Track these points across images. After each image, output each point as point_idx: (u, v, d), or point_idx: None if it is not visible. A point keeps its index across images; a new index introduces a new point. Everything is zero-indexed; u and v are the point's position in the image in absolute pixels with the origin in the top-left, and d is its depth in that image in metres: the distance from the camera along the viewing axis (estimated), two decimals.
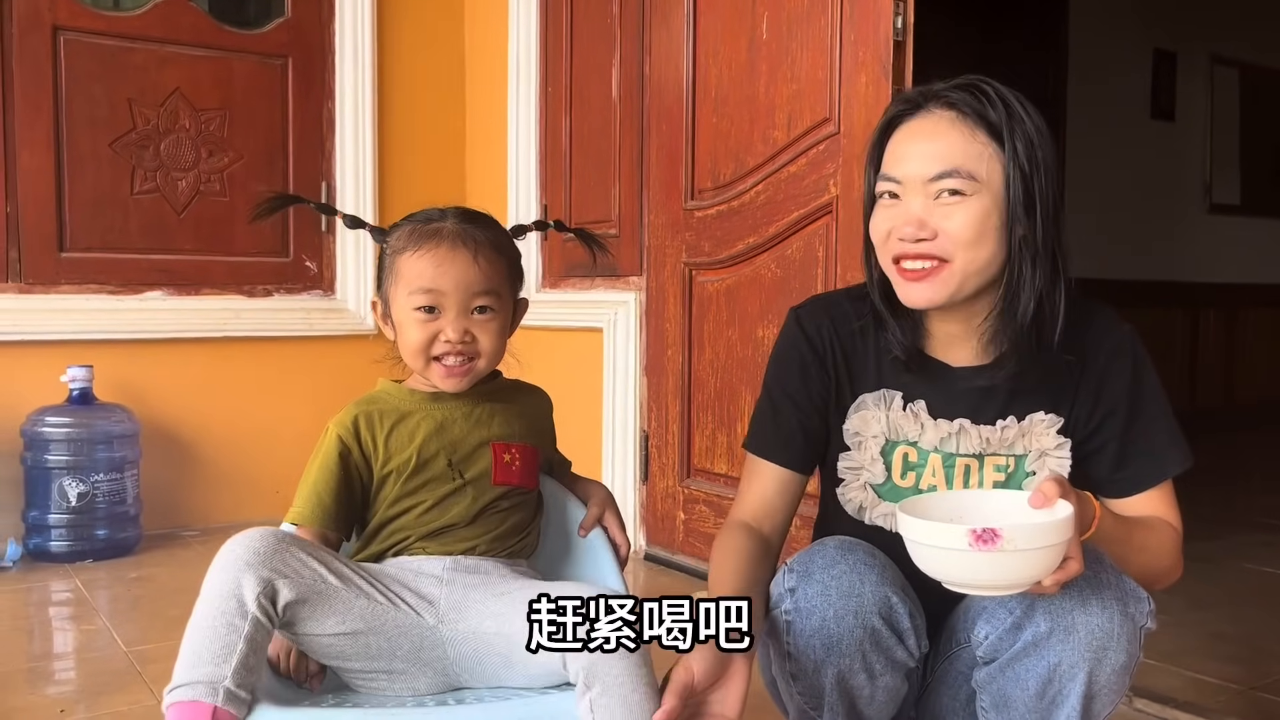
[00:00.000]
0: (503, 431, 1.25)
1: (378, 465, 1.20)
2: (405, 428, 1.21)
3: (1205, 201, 5.60)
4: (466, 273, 1.18)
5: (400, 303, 1.20)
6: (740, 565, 1.16)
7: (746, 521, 1.25)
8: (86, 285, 3.06)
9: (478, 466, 1.22)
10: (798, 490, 1.28)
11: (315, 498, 1.18)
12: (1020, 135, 1.11)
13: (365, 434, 1.20)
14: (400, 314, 1.20)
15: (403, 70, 3.51)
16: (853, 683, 1.11)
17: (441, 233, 1.20)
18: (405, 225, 1.23)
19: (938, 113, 1.13)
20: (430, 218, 1.22)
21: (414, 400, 1.24)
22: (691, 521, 2.73)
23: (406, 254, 1.20)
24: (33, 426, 2.82)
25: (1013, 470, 1.20)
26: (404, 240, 1.21)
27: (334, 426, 1.21)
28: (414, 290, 1.18)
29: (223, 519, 3.18)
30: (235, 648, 1.01)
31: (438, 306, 1.18)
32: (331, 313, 3.37)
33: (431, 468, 1.20)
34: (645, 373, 2.88)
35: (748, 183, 2.54)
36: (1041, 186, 1.11)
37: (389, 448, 1.20)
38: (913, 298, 1.15)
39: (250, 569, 1.03)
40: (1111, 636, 1.03)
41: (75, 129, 3.04)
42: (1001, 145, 1.11)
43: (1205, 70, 5.53)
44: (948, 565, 0.98)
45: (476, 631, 1.13)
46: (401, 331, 1.21)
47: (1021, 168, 1.10)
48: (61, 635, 2.36)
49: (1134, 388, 1.20)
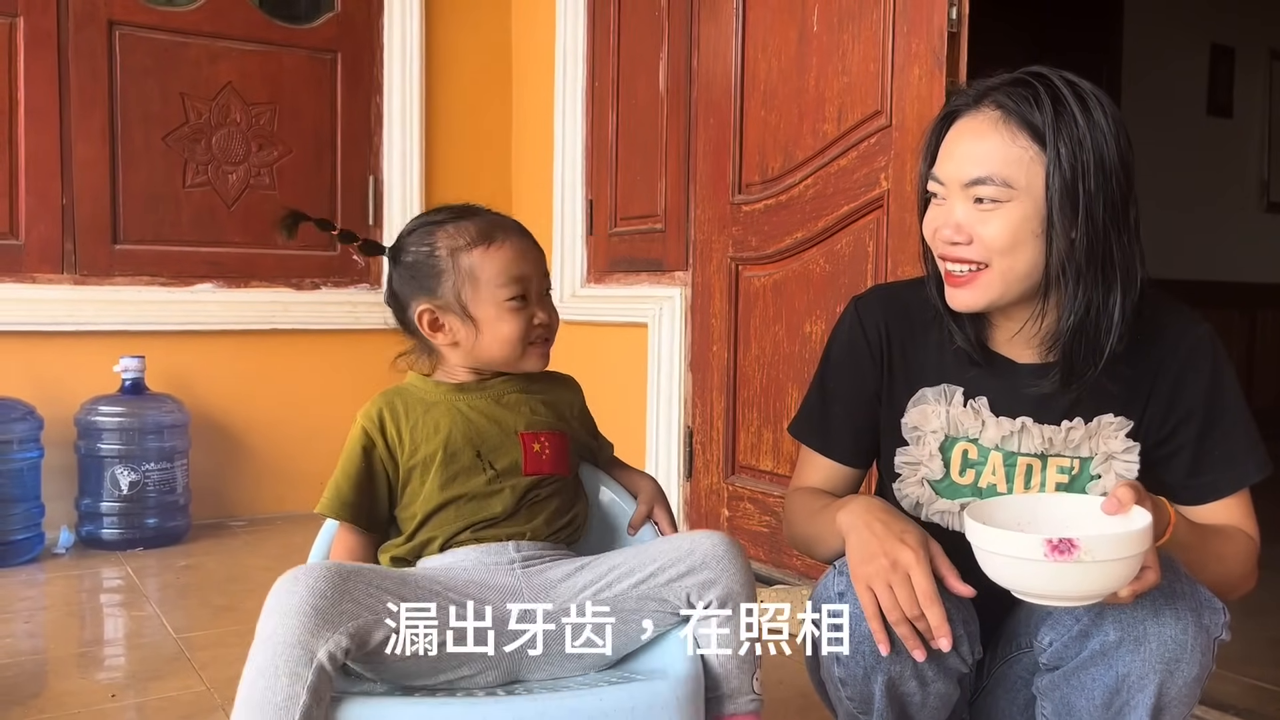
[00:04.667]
0: (530, 420, 1.24)
1: (404, 457, 1.20)
2: (430, 419, 1.20)
3: (1263, 200, 5.46)
4: (539, 257, 1.23)
5: (486, 298, 1.19)
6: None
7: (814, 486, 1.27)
8: (139, 277, 3.10)
9: (509, 457, 1.21)
10: (854, 485, 1.27)
11: (335, 490, 1.19)
12: (1066, 137, 1.06)
13: (390, 426, 1.20)
14: (488, 310, 1.19)
15: (451, 65, 3.52)
16: (903, 689, 1.09)
17: (500, 224, 1.22)
18: (438, 228, 1.21)
19: (986, 113, 1.10)
20: (460, 214, 1.22)
21: (440, 391, 1.23)
22: (736, 519, 2.71)
23: (479, 250, 1.19)
24: (86, 416, 2.87)
25: (1077, 473, 1.17)
26: (462, 238, 1.20)
27: (360, 418, 1.21)
28: (504, 282, 1.19)
29: (269, 510, 3.22)
30: (299, 699, 0.97)
31: (526, 294, 1.21)
32: (377, 306, 3.32)
33: (460, 459, 1.19)
34: (690, 368, 2.86)
35: (796, 176, 2.51)
36: (1090, 189, 1.06)
37: (414, 439, 1.19)
38: (955, 302, 1.14)
39: (315, 614, 0.99)
40: (1185, 648, 1.00)
41: (129, 123, 3.08)
42: (1044, 148, 1.07)
43: (1265, 66, 5.40)
44: (1020, 575, 0.94)
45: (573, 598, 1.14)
46: (492, 327, 1.20)
47: (1064, 172, 1.06)
48: (112, 621, 2.40)
49: (1211, 391, 1.16)
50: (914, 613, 1.00)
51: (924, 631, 1.01)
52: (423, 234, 1.22)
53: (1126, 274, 1.09)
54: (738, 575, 1.12)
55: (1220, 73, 5.22)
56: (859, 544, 1.05)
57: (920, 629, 1.01)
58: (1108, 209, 1.07)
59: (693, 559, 1.12)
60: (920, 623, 1.00)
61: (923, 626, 1.00)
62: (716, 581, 1.11)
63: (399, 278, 1.23)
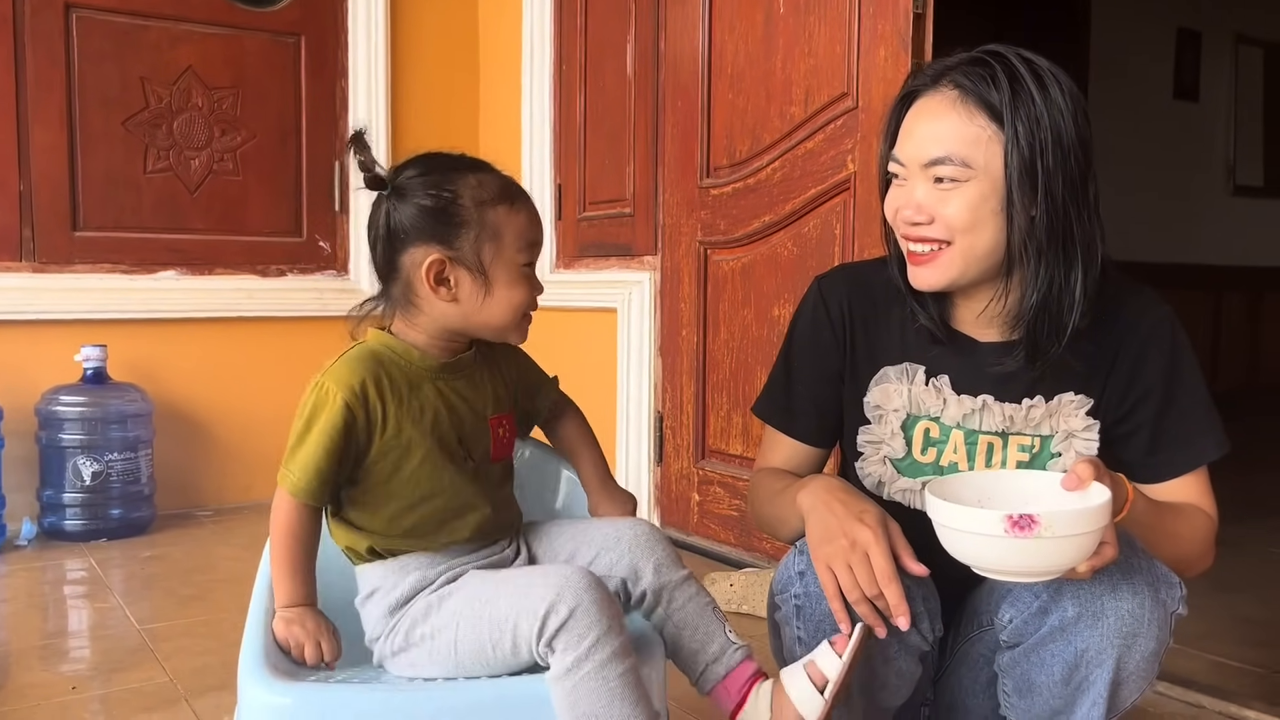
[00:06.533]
0: (494, 402, 1.19)
1: (383, 436, 1.10)
2: (416, 402, 1.12)
3: (1229, 183, 5.52)
4: (542, 226, 1.18)
5: (506, 259, 1.11)
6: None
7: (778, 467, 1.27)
8: (100, 264, 3.05)
9: (481, 444, 1.17)
10: (818, 464, 1.28)
11: (314, 470, 1.07)
12: (1023, 116, 1.06)
13: (375, 402, 1.09)
14: (505, 272, 1.11)
15: (416, 49, 3.48)
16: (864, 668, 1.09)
17: (516, 186, 1.15)
18: (459, 176, 1.11)
19: (944, 92, 1.10)
20: (475, 165, 1.14)
21: (423, 367, 1.13)
22: (706, 503, 2.71)
23: (504, 208, 1.11)
24: (47, 405, 2.82)
25: (1038, 451, 1.17)
26: (486, 192, 1.11)
27: (339, 390, 1.08)
28: (523, 246, 1.12)
29: (236, 499, 3.19)
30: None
31: (533, 263, 1.14)
32: (345, 293, 3.35)
33: (445, 447, 1.13)
34: (660, 353, 2.85)
35: (764, 160, 2.51)
36: (1048, 167, 1.06)
37: (398, 420, 1.10)
38: (918, 280, 1.14)
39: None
40: (1142, 623, 1.01)
41: (88, 107, 3.02)
42: (1002, 127, 1.07)
43: (1230, 50, 5.44)
44: (980, 551, 0.94)
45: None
46: (505, 290, 1.11)
47: (1022, 151, 1.06)
48: (75, 613, 2.36)
49: (1170, 370, 1.17)
50: (873, 591, 1.00)
51: (883, 610, 1.01)
52: (442, 177, 1.11)
53: (1087, 250, 1.10)
54: (667, 552, 1.15)
55: (1187, 57, 5.27)
56: (818, 524, 1.05)
57: (880, 607, 1.01)
58: (1067, 186, 1.07)
59: (620, 546, 1.14)
60: (880, 601, 1.01)
61: (882, 605, 1.01)
62: (652, 561, 1.14)
63: (408, 217, 1.09)
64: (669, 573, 1.14)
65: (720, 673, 1.12)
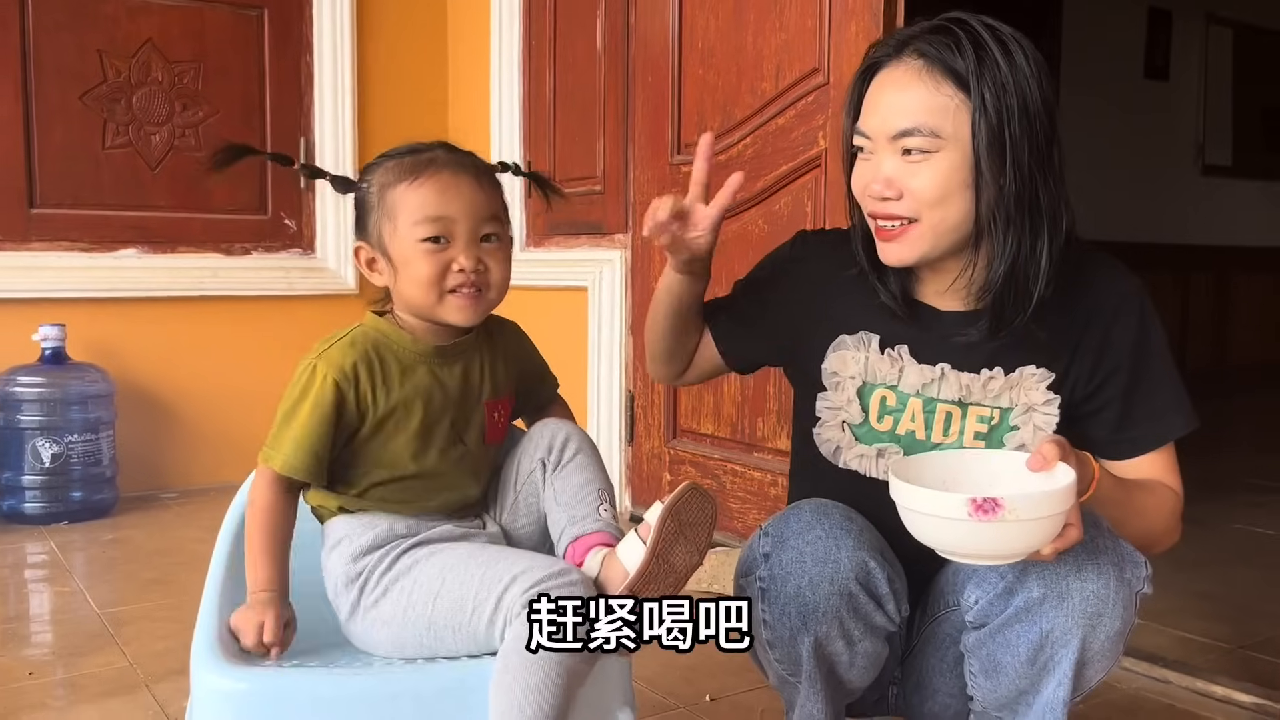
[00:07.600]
0: (492, 386, 1.19)
1: (372, 415, 1.11)
2: (408, 385, 1.12)
3: (1198, 163, 5.54)
4: (474, 198, 1.12)
5: (402, 237, 1.10)
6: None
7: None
8: (58, 242, 2.99)
9: (474, 427, 1.17)
10: (712, 366, 1.35)
11: (308, 449, 1.08)
12: (990, 82, 1.04)
13: (365, 384, 1.10)
14: (403, 249, 1.11)
15: (383, 22, 3.41)
16: (830, 650, 1.08)
17: (438, 160, 1.12)
18: (386, 162, 1.15)
19: (908, 62, 1.08)
20: (416, 149, 1.14)
21: (416, 351, 1.14)
22: (678, 483, 2.67)
23: (402, 185, 1.11)
24: (4, 386, 2.77)
25: (996, 423, 1.16)
26: (393, 173, 1.12)
27: (328, 369, 1.09)
28: (419, 220, 1.09)
29: (202, 481, 3.14)
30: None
31: (445, 235, 1.10)
32: (311, 271, 3.31)
33: (436, 431, 1.14)
34: (631, 332, 2.83)
35: (735, 136, 2.48)
36: (1015, 134, 1.04)
37: (389, 400, 1.11)
38: (887, 256, 1.13)
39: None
40: (1107, 603, 1.00)
41: (44, 81, 2.95)
42: (969, 95, 1.05)
43: (1201, 29, 5.46)
44: (945, 534, 0.93)
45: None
46: (407, 268, 1.11)
47: (989, 118, 1.04)
48: (36, 597, 2.32)
49: (1139, 345, 1.16)
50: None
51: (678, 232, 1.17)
52: (365, 169, 1.16)
53: (1053, 218, 1.09)
54: (573, 430, 1.21)
55: (1158, 36, 5.27)
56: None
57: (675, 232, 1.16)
58: (1033, 153, 1.06)
59: (544, 439, 1.20)
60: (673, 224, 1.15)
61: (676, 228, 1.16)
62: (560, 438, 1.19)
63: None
64: (566, 452, 1.18)
65: (573, 534, 1.13)
